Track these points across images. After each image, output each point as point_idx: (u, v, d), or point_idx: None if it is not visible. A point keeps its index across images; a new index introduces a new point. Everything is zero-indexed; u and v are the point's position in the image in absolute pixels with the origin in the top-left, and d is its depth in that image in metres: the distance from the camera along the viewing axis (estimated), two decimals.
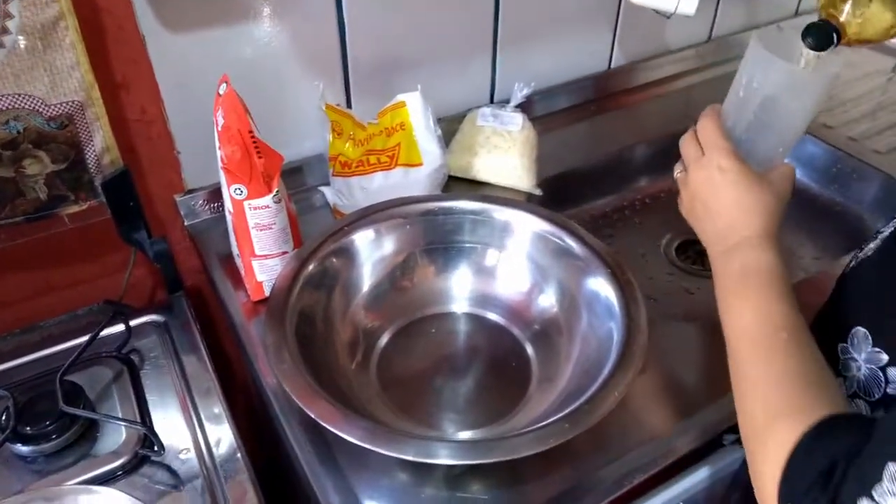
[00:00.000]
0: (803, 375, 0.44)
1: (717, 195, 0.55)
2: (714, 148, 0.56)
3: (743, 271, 0.51)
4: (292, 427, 0.60)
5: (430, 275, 0.70)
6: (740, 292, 0.51)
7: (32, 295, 0.77)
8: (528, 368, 0.66)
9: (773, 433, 0.42)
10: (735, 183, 0.54)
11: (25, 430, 0.58)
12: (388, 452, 0.49)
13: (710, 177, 0.55)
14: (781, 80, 0.55)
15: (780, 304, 0.49)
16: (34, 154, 0.65)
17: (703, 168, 0.56)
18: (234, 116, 0.64)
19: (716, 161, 0.55)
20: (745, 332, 0.49)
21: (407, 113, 0.81)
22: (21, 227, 0.68)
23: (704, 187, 0.56)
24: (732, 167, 0.54)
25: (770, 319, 0.48)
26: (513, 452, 0.49)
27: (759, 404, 0.45)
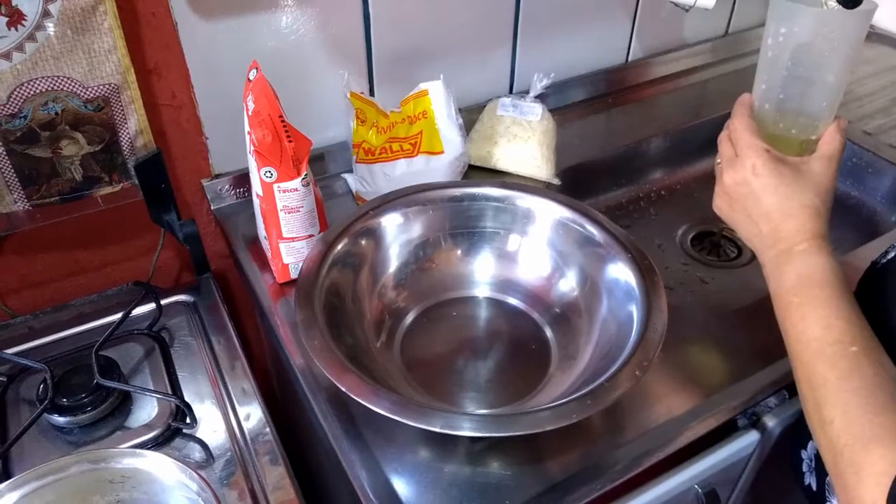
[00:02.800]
0: (887, 393, 0.43)
1: (756, 201, 0.54)
2: (745, 147, 0.54)
3: (798, 281, 0.50)
4: (320, 404, 0.62)
5: (453, 258, 0.72)
6: (800, 304, 0.49)
7: (65, 274, 0.79)
8: (549, 351, 0.67)
9: (869, 462, 0.41)
10: (772, 187, 0.52)
11: (62, 402, 0.60)
12: (416, 424, 0.51)
13: (746, 180, 0.54)
14: (809, 25, 0.52)
15: (846, 315, 0.47)
16: (71, 135, 0.67)
17: (736, 170, 0.55)
18: (264, 101, 0.66)
19: (749, 163, 0.54)
20: (812, 346, 0.47)
21: (429, 101, 0.82)
22: (56, 206, 0.70)
23: (741, 192, 0.55)
24: (765, 169, 0.53)
25: (837, 334, 0.46)
26: (536, 426, 0.51)
27: (840, 419, 0.44)
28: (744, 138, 0.55)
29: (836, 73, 0.54)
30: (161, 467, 0.46)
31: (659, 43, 1.13)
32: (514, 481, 0.58)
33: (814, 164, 0.54)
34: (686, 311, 0.76)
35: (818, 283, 0.49)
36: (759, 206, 0.54)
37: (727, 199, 0.57)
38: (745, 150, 0.55)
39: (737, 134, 0.56)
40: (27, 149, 0.66)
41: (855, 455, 0.42)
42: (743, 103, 0.58)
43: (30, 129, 0.65)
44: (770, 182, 0.53)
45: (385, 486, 0.56)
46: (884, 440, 0.41)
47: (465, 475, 0.58)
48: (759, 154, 0.54)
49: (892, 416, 0.42)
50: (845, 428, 0.43)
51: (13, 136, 0.65)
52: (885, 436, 0.41)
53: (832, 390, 0.45)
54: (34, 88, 0.64)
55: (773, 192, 0.53)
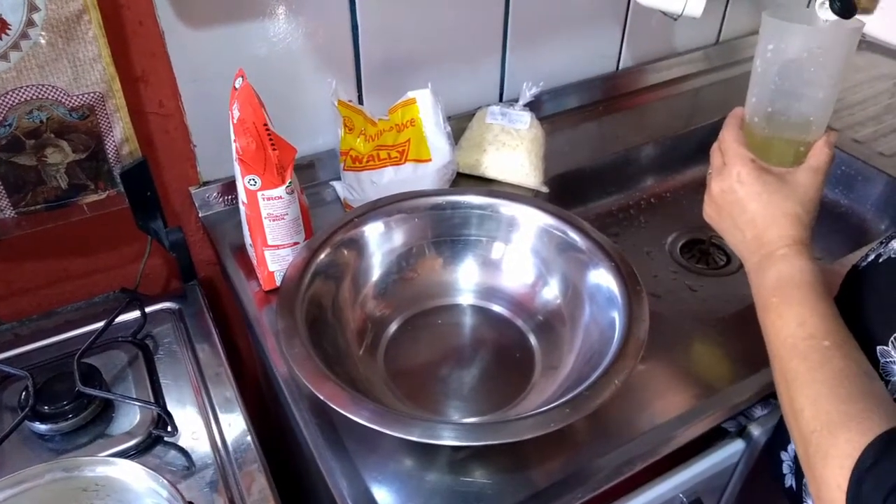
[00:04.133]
0: (855, 384, 0.44)
1: (742, 208, 0.55)
2: (732, 156, 0.56)
3: (778, 283, 0.51)
4: (302, 413, 0.61)
5: (437, 267, 0.72)
6: (778, 304, 0.51)
7: (51, 282, 0.79)
8: (532, 358, 0.67)
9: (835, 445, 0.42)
10: (756, 195, 0.54)
11: (44, 409, 0.60)
12: (394, 433, 0.50)
13: (732, 189, 0.56)
14: (798, 42, 0.53)
15: (821, 312, 0.48)
16: (56, 143, 0.68)
17: (723, 179, 0.57)
18: (249, 109, 0.66)
19: (735, 172, 0.55)
20: (788, 342, 0.49)
21: (417, 109, 0.82)
22: (41, 214, 0.71)
23: (728, 199, 0.56)
24: (749, 177, 0.54)
25: (812, 329, 0.48)
26: (515, 435, 0.51)
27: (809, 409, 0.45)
28: (731, 148, 0.57)
29: (824, 88, 0.56)
30: (132, 475, 0.46)
31: (649, 51, 1.13)
32: (497, 489, 0.57)
33: (799, 174, 0.55)
34: (674, 319, 0.76)
35: (796, 283, 0.51)
36: (744, 214, 0.55)
37: (715, 208, 0.59)
38: (731, 159, 0.57)
39: (725, 144, 0.58)
40: (12, 157, 0.66)
41: (822, 440, 0.43)
42: (734, 115, 0.60)
43: (15, 137, 0.65)
44: (754, 190, 0.54)
45: (365, 496, 0.56)
46: (850, 426, 0.42)
47: (446, 484, 0.58)
48: (744, 163, 0.55)
49: (858, 404, 0.43)
50: (814, 416, 0.44)
51: None
52: (852, 422, 0.42)
53: (803, 382, 0.46)
54: (19, 97, 0.64)
55: (756, 200, 0.55)
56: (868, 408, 0.43)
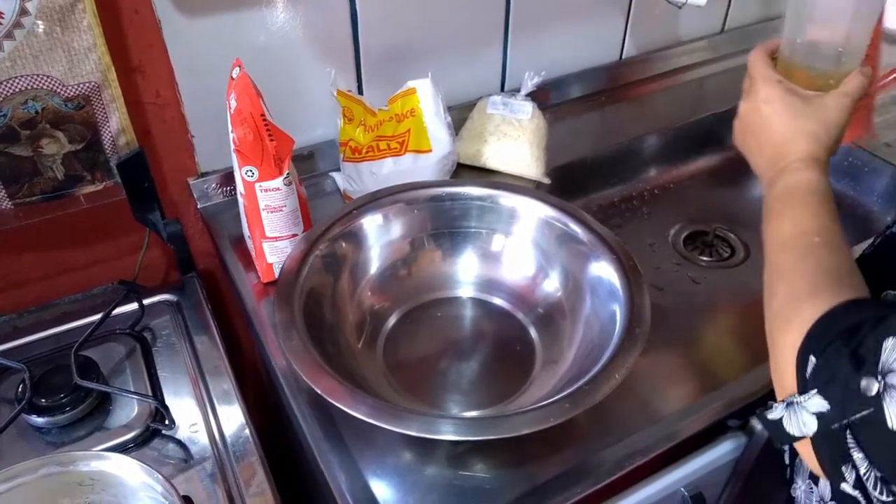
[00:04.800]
0: (833, 270, 0.45)
1: (764, 126, 0.56)
2: (758, 77, 0.57)
3: (784, 191, 0.52)
4: (300, 406, 0.61)
5: (436, 259, 0.71)
6: (781, 210, 0.51)
7: (48, 274, 0.79)
8: (533, 352, 0.67)
9: (798, 314, 0.42)
10: (780, 113, 0.55)
11: (41, 402, 0.60)
12: (392, 427, 0.50)
13: (757, 108, 0.56)
14: None
15: (818, 215, 0.49)
16: (52, 134, 0.67)
17: (750, 100, 0.57)
18: (246, 100, 0.65)
19: (762, 93, 0.56)
20: (781, 242, 0.49)
21: (417, 99, 0.81)
22: (38, 206, 0.70)
23: (753, 119, 0.57)
24: (775, 97, 0.55)
25: (805, 227, 0.48)
26: (514, 430, 0.50)
27: (784, 289, 0.46)
28: (758, 69, 0.58)
29: (859, 17, 0.55)
30: (127, 470, 0.46)
31: (653, 40, 1.12)
32: (496, 484, 0.57)
33: (827, 98, 0.55)
34: (676, 312, 0.75)
35: (802, 191, 0.51)
36: (767, 132, 0.56)
37: (741, 128, 0.59)
38: (758, 80, 0.57)
39: (752, 67, 0.59)
40: (7, 147, 0.65)
41: (788, 311, 0.44)
42: (766, 43, 0.61)
43: (9, 127, 0.65)
44: (778, 109, 0.55)
45: (364, 490, 0.56)
46: (818, 295, 0.42)
47: (445, 478, 0.58)
48: (771, 84, 0.56)
49: (833, 284, 0.43)
50: (787, 293, 0.45)
51: None
52: (821, 293, 0.42)
53: (785, 270, 0.47)
54: (13, 87, 0.64)
55: (779, 119, 0.55)
56: (841, 283, 0.43)
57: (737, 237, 0.91)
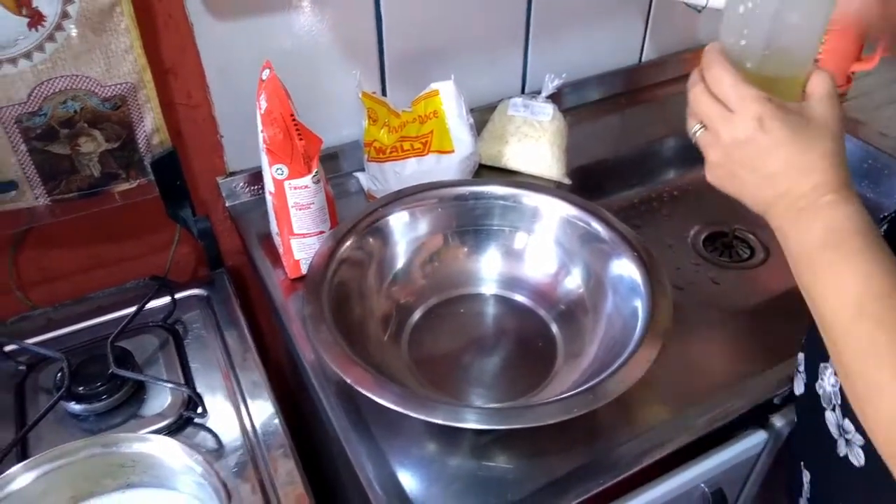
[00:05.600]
0: None
1: (767, 158, 0.45)
2: (742, 99, 0.45)
3: (827, 236, 0.43)
4: (328, 398, 0.63)
5: (460, 256, 0.73)
6: (832, 261, 0.43)
7: (83, 268, 0.81)
8: (554, 347, 0.68)
9: None
10: (785, 141, 0.45)
11: (79, 390, 0.62)
12: (419, 416, 0.51)
13: (752, 139, 0.45)
14: None
15: (886, 267, 0.41)
16: (89, 133, 0.69)
17: (737, 129, 0.46)
18: (276, 100, 0.68)
19: (752, 118, 0.45)
20: (851, 305, 0.41)
21: (440, 101, 0.83)
22: (75, 202, 0.72)
23: (746, 151, 0.46)
24: (775, 121, 0.44)
25: (880, 286, 0.41)
26: (538, 420, 0.51)
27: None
28: (738, 90, 0.46)
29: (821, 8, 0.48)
30: (169, 452, 0.47)
31: (673, 43, 1.13)
32: (518, 475, 0.58)
33: (816, 107, 0.47)
34: (696, 311, 0.76)
35: (851, 233, 0.43)
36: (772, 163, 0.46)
37: (727, 164, 0.48)
38: (743, 102, 0.45)
39: (724, 85, 0.46)
40: (47, 145, 0.68)
41: None
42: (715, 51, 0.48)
43: (49, 126, 0.67)
44: (782, 134, 0.45)
45: (391, 479, 0.57)
46: None
47: (469, 469, 0.59)
48: (762, 105, 0.45)
49: None
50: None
51: (34, 133, 0.67)
52: None
53: (883, 351, 0.39)
54: (54, 87, 0.66)
55: (787, 146, 0.45)
56: None
57: (756, 238, 0.91)
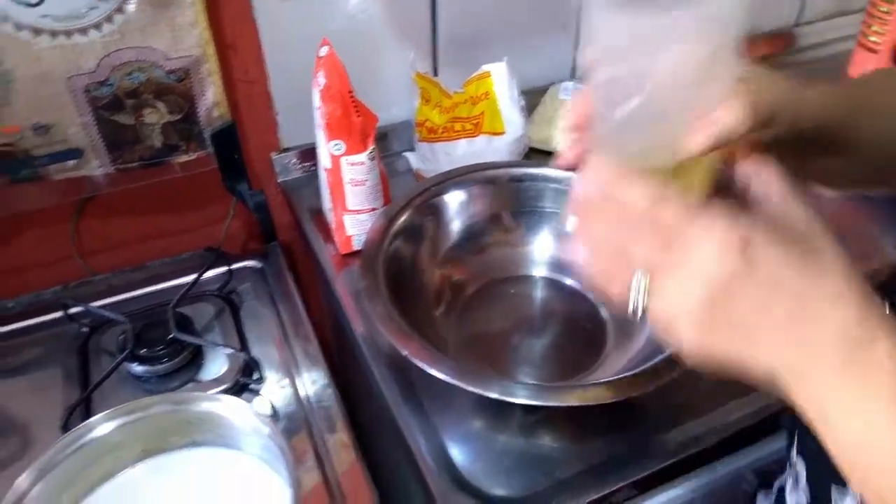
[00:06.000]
0: None
1: (764, 300, 0.31)
2: (710, 222, 0.31)
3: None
4: (381, 370, 0.64)
5: (512, 238, 0.73)
6: None
7: (140, 237, 0.83)
8: (604, 331, 0.68)
9: None
10: (780, 272, 0.31)
11: (141, 353, 0.64)
12: (475, 390, 0.52)
13: (734, 276, 0.31)
14: None
15: None
16: (153, 104, 0.71)
17: (711, 261, 0.31)
18: (335, 77, 0.68)
19: (732, 242, 0.30)
20: None
21: (492, 83, 0.83)
22: (137, 172, 0.74)
23: (725, 294, 0.31)
24: (760, 247, 0.31)
25: None
26: (595, 399, 0.52)
27: None
28: (680, 212, 0.32)
29: None
30: (237, 412, 0.49)
31: None
32: (564, 455, 0.59)
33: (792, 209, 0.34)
34: None
35: None
36: (772, 307, 0.32)
37: (710, 315, 0.31)
38: (711, 225, 0.31)
39: (670, 209, 0.32)
40: (113, 115, 0.70)
41: None
42: (618, 172, 0.34)
43: (116, 96, 0.69)
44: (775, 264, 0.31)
45: (441, 452, 0.58)
46: None
47: (516, 446, 0.60)
48: (730, 227, 0.31)
49: None
50: None
51: (101, 103, 0.69)
52: None
53: None
54: (121, 58, 0.68)
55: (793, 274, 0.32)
56: None
57: None
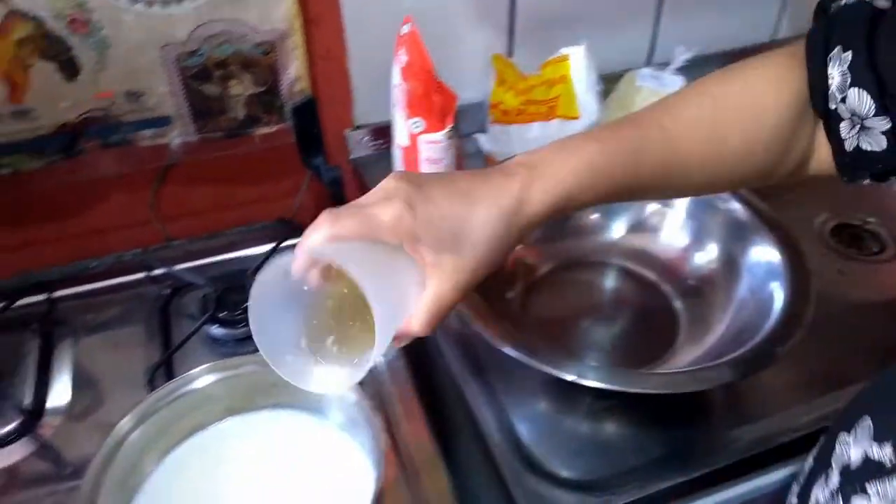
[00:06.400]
0: None
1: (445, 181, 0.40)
2: None
3: None
4: (450, 347, 0.65)
5: (588, 222, 0.73)
6: None
7: (216, 206, 0.86)
8: (676, 323, 0.67)
9: None
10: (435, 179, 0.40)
11: (221, 316, 0.67)
12: (552, 371, 0.52)
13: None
14: None
15: None
16: (240, 76, 0.73)
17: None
18: (417, 54, 0.69)
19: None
20: None
21: (568, 66, 0.82)
22: (219, 142, 0.77)
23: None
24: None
25: None
26: (675, 387, 0.52)
27: None
28: None
29: None
30: None
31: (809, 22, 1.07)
32: (631, 444, 0.58)
33: None
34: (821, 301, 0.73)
35: None
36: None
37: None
38: None
39: None
40: (201, 85, 0.72)
41: None
42: None
43: (205, 67, 0.71)
44: None
45: (509, 430, 0.59)
46: None
47: (583, 430, 0.60)
48: None
49: None
50: None
51: (190, 73, 0.71)
52: None
53: None
54: (212, 29, 0.69)
55: None
56: None
57: (889, 233, 0.86)
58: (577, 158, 0.42)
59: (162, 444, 0.49)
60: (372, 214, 0.37)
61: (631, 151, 0.43)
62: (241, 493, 0.48)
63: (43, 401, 0.63)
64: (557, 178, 0.42)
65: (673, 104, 0.46)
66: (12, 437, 0.60)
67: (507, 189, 0.40)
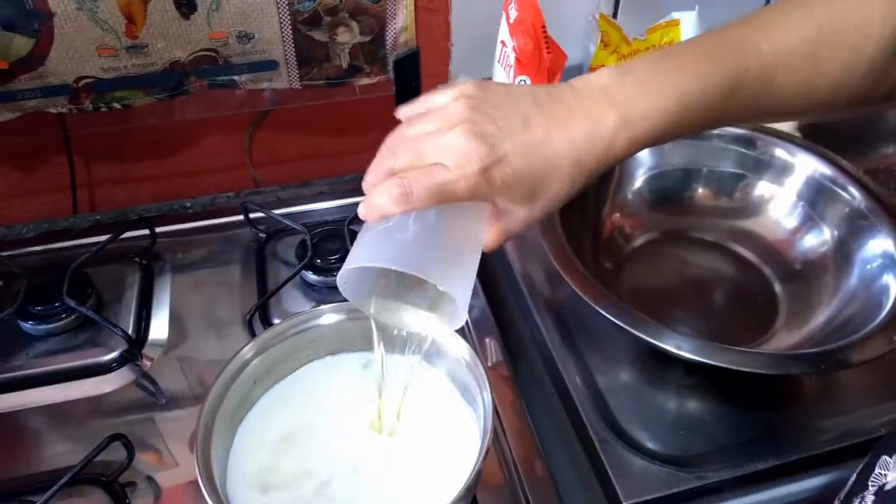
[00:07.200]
0: None
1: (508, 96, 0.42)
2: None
3: None
4: (540, 311, 0.64)
5: (691, 196, 0.71)
6: None
7: (308, 155, 0.87)
8: (775, 307, 0.65)
9: None
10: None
11: (316, 262, 0.68)
12: (653, 340, 0.51)
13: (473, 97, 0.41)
14: None
15: None
16: (348, 23, 0.72)
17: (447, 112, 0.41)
18: (528, 10, 0.67)
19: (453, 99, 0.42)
20: None
21: (678, 32, 0.79)
22: (321, 90, 0.77)
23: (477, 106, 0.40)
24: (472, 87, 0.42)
25: None
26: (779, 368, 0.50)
27: None
28: None
29: None
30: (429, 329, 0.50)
31: None
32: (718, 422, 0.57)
33: None
34: None
35: None
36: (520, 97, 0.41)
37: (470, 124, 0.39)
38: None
39: None
40: (310, 30, 0.72)
41: None
42: None
43: (316, 12, 0.71)
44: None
45: (597, 397, 0.58)
46: None
47: (671, 405, 0.59)
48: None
49: None
50: None
51: (301, 17, 0.71)
52: None
53: None
54: None
55: None
56: None
57: None
58: (672, 97, 0.40)
59: (271, 377, 0.50)
60: (446, 186, 0.38)
61: (727, 88, 0.41)
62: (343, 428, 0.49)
63: (144, 332, 0.66)
64: (647, 124, 0.40)
65: (775, 25, 0.42)
66: (114, 365, 0.63)
67: (592, 142, 0.39)
